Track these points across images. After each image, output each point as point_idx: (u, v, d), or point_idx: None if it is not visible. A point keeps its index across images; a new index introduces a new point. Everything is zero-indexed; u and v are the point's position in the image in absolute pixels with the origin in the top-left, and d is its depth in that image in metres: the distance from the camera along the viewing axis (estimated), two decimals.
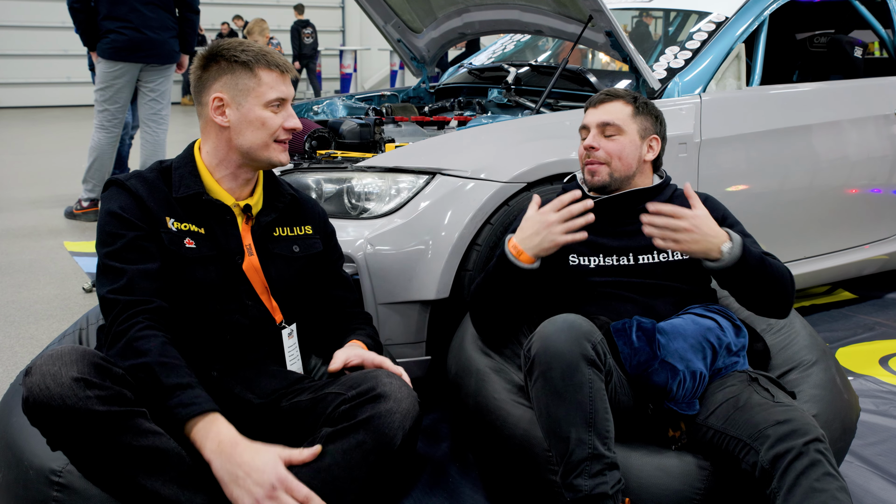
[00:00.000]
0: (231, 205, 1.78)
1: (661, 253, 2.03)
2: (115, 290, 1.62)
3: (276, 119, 1.74)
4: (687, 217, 1.83)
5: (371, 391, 1.60)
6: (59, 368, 1.43)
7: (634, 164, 2.07)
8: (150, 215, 1.70)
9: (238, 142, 1.75)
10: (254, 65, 1.72)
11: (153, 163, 1.82)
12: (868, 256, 3.47)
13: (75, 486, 1.58)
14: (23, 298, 3.60)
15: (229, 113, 1.74)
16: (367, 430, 1.55)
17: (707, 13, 3.16)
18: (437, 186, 2.40)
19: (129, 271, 1.63)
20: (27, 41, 12.33)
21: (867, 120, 3.35)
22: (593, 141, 2.07)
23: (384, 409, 1.57)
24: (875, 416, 2.52)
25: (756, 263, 1.87)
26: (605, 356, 1.73)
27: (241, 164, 1.77)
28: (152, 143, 5.08)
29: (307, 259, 1.86)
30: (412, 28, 3.55)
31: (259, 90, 1.73)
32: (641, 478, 1.73)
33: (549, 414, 1.68)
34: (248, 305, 1.76)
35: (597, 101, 2.11)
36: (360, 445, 1.55)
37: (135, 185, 1.72)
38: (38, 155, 7.95)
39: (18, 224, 4.97)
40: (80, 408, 1.40)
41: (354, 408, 1.58)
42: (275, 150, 1.76)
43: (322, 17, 14.99)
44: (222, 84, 1.74)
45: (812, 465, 1.57)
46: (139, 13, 4.77)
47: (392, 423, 1.57)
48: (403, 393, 1.61)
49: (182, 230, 1.71)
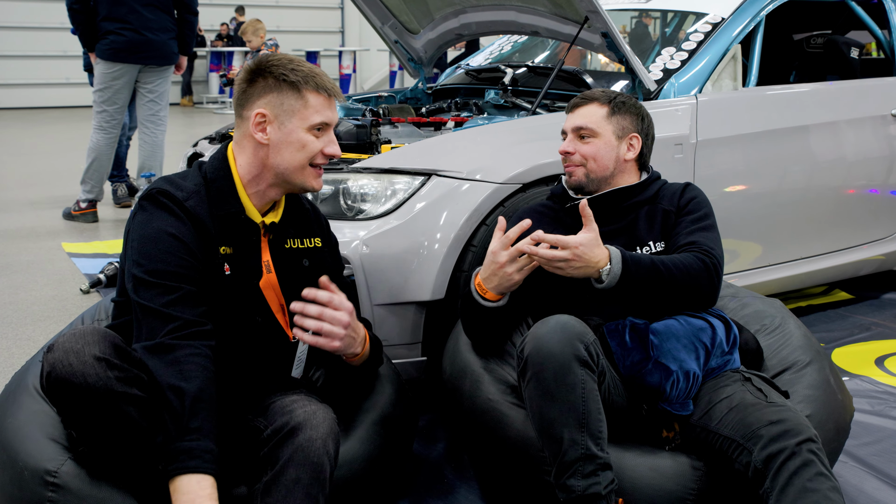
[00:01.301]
0: (258, 223, 1.75)
1: (642, 248, 2.03)
2: (171, 304, 1.56)
3: (316, 143, 1.71)
4: (569, 247, 1.81)
5: (286, 426, 1.56)
6: (83, 346, 1.44)
7: (611, 164, 2.08)
8: (208, 243, 1.66)
9: (275, 161, 1.70)
10: (302, 86, 1.68)
11: (192, 168, 1.76)
12: (865, 257, 3.47)
13: (70, 486, 1.59)
14: (20, 299, 3.60)
15: (270, 131, 1.70)
16: (296, 465, 1.53)
17: (704, 14, 3.17)
18: (433, 187, 2.40)
19: (184, 290, 1.59)
20: (26, 42, 12.34)
21: (864, 120, 3.35)
22: (568, 146, 2.10)
23: (303, 439, 1.54)
24: (870, 416, 2.53)
25: (645, 274, 1.85)
26: (598, 357, 1.74)
27: (273, 183, 1.73)
28: (150, 145, 5.08)
29: (317, 275, 1.78)
30: (409, 29, 3.56)
31: (304, 112, 1.69)
32: (635, 478, 1.73)
33: (541, 415, 1.68)
34: (259, 323, 1.73)
35: (573, 105, 2.15)
36: (297, 483, 1.52)
37: (192, 206, 1.66)
38: (37, 156, 7.96)
39: (16, 225, 4.97)
40: (100, 386, 1.42)
41: (274, 448, 1.56)
42: (310, 175, 1.73)
43: (321, 18, 15.01)
44: (267, 101, 1.70)
45: (804, 465, 1.58)
46: (138, 14, 4.78)
47: (317, 450, 1.54)
48: (318, 418, 1.58)
49: (222, 254, 1.68)
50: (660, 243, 2.04)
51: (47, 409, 1.77)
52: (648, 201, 2.09)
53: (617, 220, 2.07)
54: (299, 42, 13.70)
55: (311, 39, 14.17)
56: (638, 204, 2.09)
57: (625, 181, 2.11)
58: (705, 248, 1.93)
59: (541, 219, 2.14)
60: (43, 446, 1.66)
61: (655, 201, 2.09)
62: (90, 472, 1.60)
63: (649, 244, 2.03)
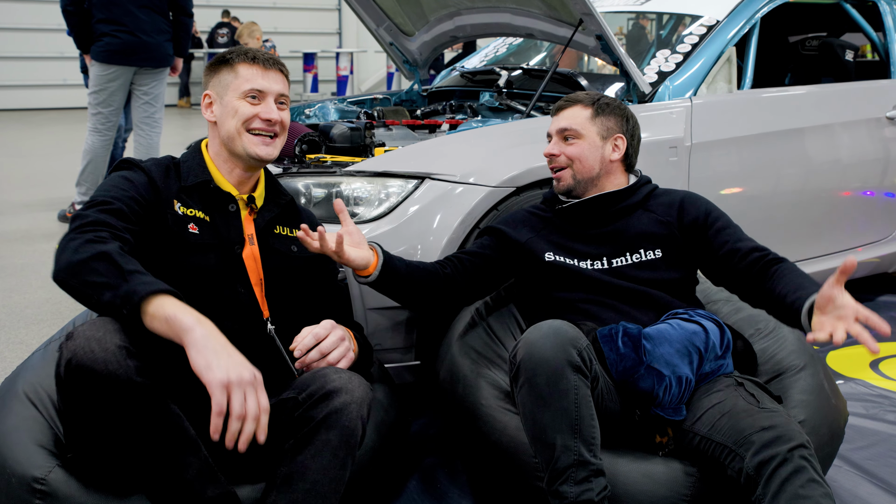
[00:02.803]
0: (236, 195, 1.81)
1: (633, 253, 2.04)
2: (92, 205, 1.62)
3: (249, 108, 1.78)
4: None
5: (321, 389, 1.60)
6: (104, 335, 1.44)
7: (597, 165, 2.08)
8: (159, 194, 1.73)
9: (222, 134, 1.80)
10: (234, 61, 1.80)
11: (165, 156, 1.87)
12: (860, 259, 3.46)
13: (58, 493, 1.58)
14: (14, 302, 3.59)
15: (216, 109, 1.82)
16: (328, 427, 1.56)
17: (698, 16, 3.16)
18: (427, 191, 2.40)
19: (115, 205, 1.63)
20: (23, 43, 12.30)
21: (859, 123, 3.35)
22: (553, 148, 2.12)
23: (339, 403, 1.58)
24: (865, 420, 2.52)
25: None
26: (591, 362, 1.73)
27: (230, 157, 1.81)
28: (146, 147, 5.07)
29: (304, 261, 1.88)
30: (404, 31, 3.55)
31: (236, 83, 1.78)
32: (628, 484, 1.72)
33: (534, 420, 1.67)
34: (241, 293, 1.76)
35: (557, 108, 2.16)
36: (327, 444, 1.56)
37: (149, 165, 1.78)
38: (33, 158, 7.94)
39: (11, 227, 4.96)
40: (121, 375, 1.41)
41: (309, 409, 1.59)
42: (250, 142, 1.78)
43: (318, 20, 14.99)
44: (211, 83, 1.83)
45: (796, 471, 1.57)
46: (133, 16, 4.77)
47: (350, 414, 1.57)
48: (354, 383, 1.62)
49: (188, 215, 1.75)
50: (657, 251, 2.04)
51: (36, 415, 1.76)
52: (638, 205, 2.09)
53: (605, 224, 2.08)
54: (296, 43, 13.67)
55: (308, 41, 14.13)
56: (627, 208, 2.09)
57: (612, 184, 2.11)
58: (772, 254, 1.94)
59: (532, 221, 2.14)
60: (31, 453, 1.65)
61: (646, 207, 2.09)
62: (78, 479, 1.60)
63: (640, 251, 2.04)
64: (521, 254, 2.11)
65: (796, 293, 1.75)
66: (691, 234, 2.05)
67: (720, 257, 2.00)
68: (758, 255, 1.94)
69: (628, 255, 2.04)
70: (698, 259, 2.07)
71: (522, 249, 2.10)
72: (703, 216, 2.06)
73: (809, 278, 1.82)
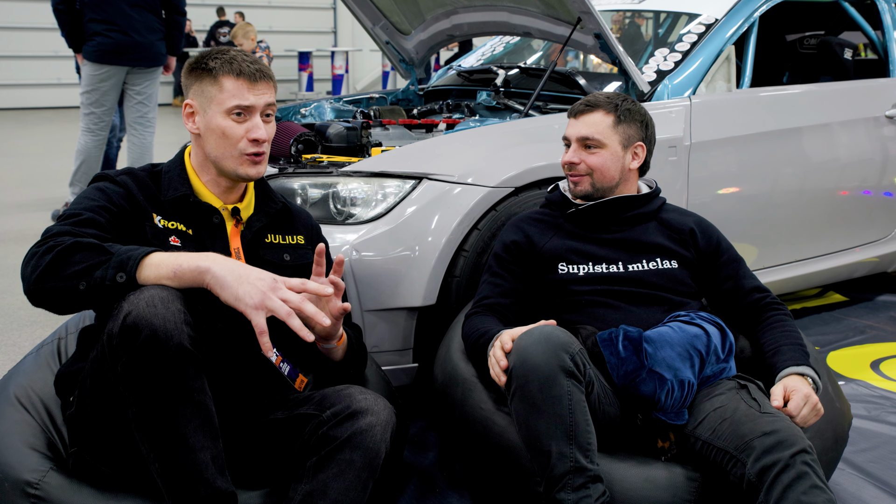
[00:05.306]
0: (219, 207, 1.76)
1: (650, 261, 2.01)
2: (61, 219, 1.58)
3: (237, 129, 1.70)
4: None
5: (347, 409, 1.57)
6: (168, 295, 1.43)
7: (618, 174, 2.05)
8: (137, 205, 1.69)
9: (207, 150, 1.73)
10: (218, 72, 1.69)
11: (145, 164, 1.82)
12: (859, 259, 3.45)
13: (52, 497, 1.57)
14: (6, 304, 3.56)
15: (198, 120, 1.73)
16: (352, 447, 1.54)
17: (697, 15, 3.14)
18: (424, 191, 2.37)
19: (84, 213, 1.59)
20: (16, 42, 12.24)
21: (857, 122, 3.33)
22: (573, 156, 2.06)
23: (364, 424, 1.55)
24: (867, 422, 2.50)
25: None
26: (585, 367, 1.70)
27: (214, 170, 1.75)
28: (139, 147, 5.03)
29: (297, 269, 1.81)
30: (401, 30, 3.52)
31: (220, 97, 1.69)
32: (630, 490, 1.70)
33: (528, 428, 1.65)
34: (229, 309, 1.71)
35: (577, 111, 2.08)
36: (350, 465, 1.53)
37: (125, 179, 1.71)
38: (27, 157, 7.89)
39: (4, 228, 4.92)
40: (175, 338, 1.40)
41: (333, 428, 1.56)
42: (243, 163, 1.72)
43: (313, 19, 14.94)
44: (193, 92, 1.74)
45: (799, 477, 1.55)
46: (125, 15, 4.72)
47: (374, 436, 1.55)
48: (380, 405, 1.60)
49: (169, 228, 1.70)
50: (673, 261, 2.03)
51: (28, 419, 1.75)
52: (652, 216, 2.09)
53: (619, 229, 2.06)
54: (291, 42, 13.62)
55: (303, 40, 14.07)
56: (642, 216, 2.07)
57: (628, 189, 2.09)
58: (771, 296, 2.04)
59: (540, 227, 2.10)
60: (24, 456, 1.63)
61: (659, 220, 2.09)
62: (72, 481, 1.58)
63: (657, 259, 2.03)
64: (539, 261, 2.05)
65: (773, 357, 1.90)
66: (701, 260, 2.07)
67: (722, 291, 2.06)
68: (758, 296, 2.03)
69: (644, 261, 2.01)
70: (701, 286, 2.09)
71: (540, 257, 2.05)
72: (715, 246, 2.07)
73: (793, 337, 1.93)
